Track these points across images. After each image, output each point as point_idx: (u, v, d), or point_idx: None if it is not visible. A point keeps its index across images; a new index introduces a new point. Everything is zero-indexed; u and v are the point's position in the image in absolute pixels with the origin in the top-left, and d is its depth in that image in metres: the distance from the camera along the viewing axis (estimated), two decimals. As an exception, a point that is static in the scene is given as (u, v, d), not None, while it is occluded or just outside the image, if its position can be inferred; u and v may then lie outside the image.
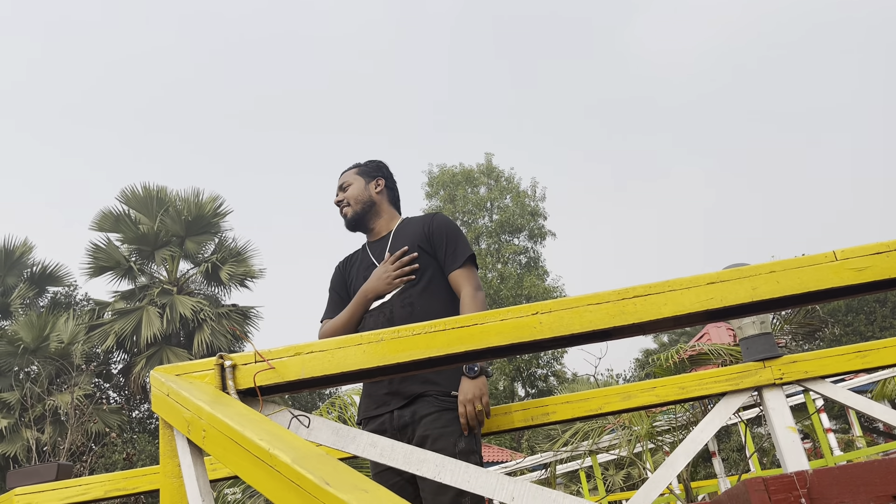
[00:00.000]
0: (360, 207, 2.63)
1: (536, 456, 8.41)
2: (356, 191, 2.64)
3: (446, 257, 2.45)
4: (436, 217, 2.58)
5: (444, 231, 2.49)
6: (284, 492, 1.15)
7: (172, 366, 1.62)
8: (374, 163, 2.75)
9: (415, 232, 2.52)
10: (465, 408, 2.19)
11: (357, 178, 2.68)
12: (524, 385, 23.94)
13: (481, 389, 2.22)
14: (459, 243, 2.48)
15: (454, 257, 2.44)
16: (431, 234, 2.49)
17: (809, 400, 5.90)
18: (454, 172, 26.65)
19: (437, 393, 2.27)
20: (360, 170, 2.71)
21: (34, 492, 2.57)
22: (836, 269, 1.47)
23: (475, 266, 2.47)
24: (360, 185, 2.65)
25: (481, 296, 2.38)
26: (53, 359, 14.68)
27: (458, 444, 2.19)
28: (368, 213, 2.64)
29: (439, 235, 2.48)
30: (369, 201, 2.64)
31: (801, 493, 1.10)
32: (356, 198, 2.64)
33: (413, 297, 2.40)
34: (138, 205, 17.76)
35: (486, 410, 2.21)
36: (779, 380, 2.39)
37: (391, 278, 2.42)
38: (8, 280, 17.44)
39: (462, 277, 2.41)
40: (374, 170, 2.71)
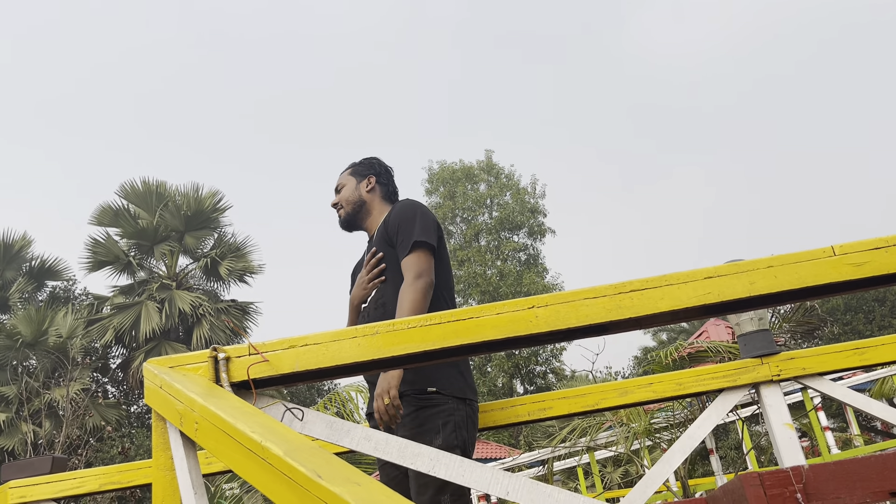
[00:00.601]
0: (350, 209, 2.64)
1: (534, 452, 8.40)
2: (347, 192, 2.66)
3: (399, 248, 2.38)
4: (394, 207, 2.53)
5: (397, 221, 2.43)
6: (276, 484, 1.14)
7: (166, 358, 1.61)
8: (366, 161, 2.75)
9: (384, 230, 2.49)
10: (375, 402, 2.17)
11: (350, 178, 2.69)
12: (523, 382, 23.96)
13: (389, 383, 2.15)
14: (410, 230, 2.36)
15: (403, 246, 2.36)
16: (388, 226, 2.46)
17: (807, 397, 5.89)
18: (454, 169, 26.64)
19: (414, 392, 2.23)
20: (353, 170, 2.71)
21: (28, 484, 2.56)
22: (835, 263, 1.46)
23: (425, 249, 2.33)
24: (352, 186, 2.66)
25: (420, 283, 2.25)
26: (52, 353, 14.67)
27: (434, 440, 2.15)
28: (359, 213, 2.64)
29: (393, 227, 2.43)
30: (359, 201, 2.64)
31: (796, 488, 1.09)
32: (347, 199, 2.65)
33: (386, 296, 2.38)
34: (138, 199, 17.75)
35: (394, 403, 2.13)
36: (776, 376, 2.38)
37: (365, 283, 2.43)
38: (7, 274, 17.43)
39: (405, 266, 2.31)
40: (365, 168, 2.71)
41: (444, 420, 2.20)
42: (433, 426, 2.18)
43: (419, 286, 2.25)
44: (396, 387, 2.15)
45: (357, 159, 2.76)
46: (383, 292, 2.40)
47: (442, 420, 2.19)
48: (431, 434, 2.16)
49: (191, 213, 17.83)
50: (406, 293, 2.24)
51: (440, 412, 2.21)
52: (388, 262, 2.42)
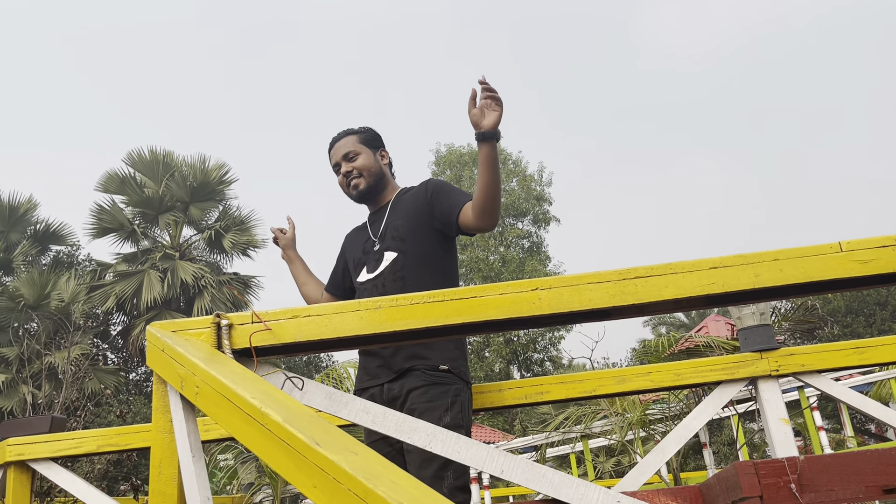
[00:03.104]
0: (373, 180, 2.55)
1: (528, 438, 8.45)
2: (367, 162, 2.54)
3: (452, 203, 2.36)
4: (429, 182, 2.52)
5: (441, 188, 2.45)
6: (275, 450, 1.15)
7: (169, 322, 1.62)
8: (371, 131, 2.65)
9: (414, 200, 2.47)
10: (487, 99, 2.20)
11: (363, 147, 2.57)
12: (520, 369, 24.03)
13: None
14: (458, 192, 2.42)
15: (459, 196, 2.38)
16: (431, 195, 2.43)
17: (803, 396, 5.91)
18: (462, 152, 26.56)
19: (426, 367, 2.25)
20: (361, 138, 2.59)
21: (26, 443, 2.58)
22: (841, 260, 1.46)
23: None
24: (370, 157, 2.56)
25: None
26: (54, 316, 14.74)
27: (443, 418, 2.17)
28: (379, 185, 2.57)
29: (438, 194, 2.42)
30: (380, 173, 2.57)
31: (791, 478, 1.10)
32: (369, 170, 2.54)
33: (406, 269, 2.36)
34: (144, 168, 17.73)
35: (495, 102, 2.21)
36: (775, 371, 2.39)
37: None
38: (11, 236, 17.46)
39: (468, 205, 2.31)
40: (375, 140, 2.63)
41: (453, 399, 2.23)
42: (443, 403, 2.20)
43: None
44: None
45: (354, 127, 2.65)
46: (403, 265, 2.38)
47: (451, 399, 2.22)
48: (441, 411, 2.18)
49: (196, 184, 17.81)
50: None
51: (450, 391, 2.24)
52: (417, 235, 2.40)
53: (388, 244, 2.44)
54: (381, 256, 2.44)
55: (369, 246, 2.50)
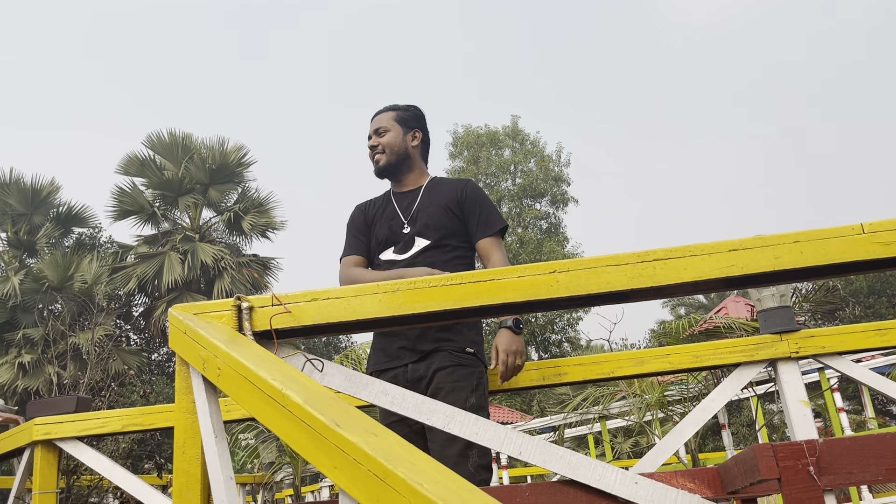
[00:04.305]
0: (394, 158, 2.56)
1: (546, 418, 8.47)
2: (393, 139, 2.56)
3: (478, 224, 2.46)
4: (469, 183, 2.56)
5: (477, 199, 2.50)
6: (295, 431, 1.17)
7: (190, 304, 1.63)
8: (413, 110, 2.64)
9: (447, 194, 2.51)
10: (508, 357, 2.25)
11: (395, 125, 2.58)
12: (538, 350, 24.05)
13: (522, 345, 2.30)
14: (493, 213, 2.50)
15: (487, 225, 2.46)
16: (465, 199, 2.48)
17: (824, 378, 5.87)
18: (479, 133, 26.43)
19: (452, 349, 2.29)
20: (397, 115, 2.60)
21: (54, 422, 2.63)
22: (863, 241, 1.44)
23: (503, 238, 2.50)
24: (398, 135, 2.57)
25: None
26: (77, 297, 14.95)
27: (469, 399, 2.21)
28: (402, 165, 2.57)
29: (473, 202, 2.48)
30: (405, 153, 2.57)
31: (809, 461, 1.10)
32: (392, 147, 2.55)
33: (436, 260, 2.40)
34: (164, 150, 17.85)
35: (522, 365, 2.29)
36: (795, 353, 2.37)
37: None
38: (35, 219, 17.69)
39: (493, 246, 2.44)
40: (412, 119, 2.61)
41: (478, 381, 2.28)
42: (469, 384, 2.25)
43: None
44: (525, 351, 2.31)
45: (401, 104, 2.65)
46: (433, 256, 2.41)
47: (476, 381, 2.28)
48: (467, 392, 2.22)
49: (215, 166, 17.91)
50: None
51: (474, 373, 2.29)
52: (449, 228, 2.45)
53: (421, 230, 2.46)
54: (411, 240, 2.46)
55: (397, 226, 2.49)
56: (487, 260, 2.42)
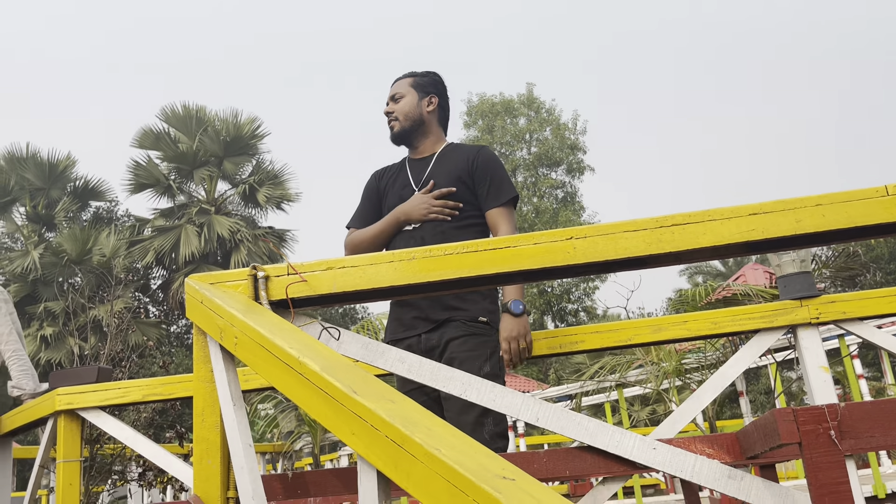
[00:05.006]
0: (408, 124, 2.54)
1: (562, 387, 8.51)
2: (408, 106, 2.54)
3: (488, 193, 2.41)
4: (482, 150, 2.51)
5: (489, 167, 2.45)
6: (313, 399, 1.17)
7: (207, 274, 1.64)
8: (430, 76, 2.63)
9: (459, 162, 2.47)
10: (510, 344, 2.21)
11: (411, 90, 2.57)
12: (554, 319, 24.07)
13: (526, 327, 2.24)
14: (504, 182, 2.44)
15: (497, 194, 2.41)
16: (476, 168, 2.44)
17: (843, 344, 5.82)
18: (494, 102, 26.19)
19: (465, 318, 2.29)
20: (414, 81, 2.59)
21: (75, 392, 2.67)
22: (887, 204, 1.41)
23: (514, 208, 2.44)
24: (413, 100, 2.55)
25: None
26: (96, 270, 15.11)
27: (483, 367, 2.22)
28: (417, 131, 2.55)
29: (484, 170, 2.43)
30: (419, 119, 2.55)
31: (830, 425, 1.09)
32: (406, 113, 2.54)
33: (447, 228, 2.38)
34: (178, 123, 17.87)
35: (529, 348, 2.23)
36: (815, 319, 2.35)
37: (428, 210, 2.38)
38: (52, 193, 17.83)
39: (501, 216, 2.39)
40: (429, 85, 2.59)
41: (492, 350, 2.28)
42: (483, 353, 2.25)
43: None
44: (530, 332, 2.25)
45: (419, 70, 2.64)
46: (443, 224, 2.39)
47: (490, 350, 2.28)
48: (481, 360, 2.23)
49: (230, 138, 17.92)
50: None
51: (489, 342, 2.29)
52: (459, 197, 2.41)
53: None
54: None
55: (408, 193, 2.48)
56: (495, 231, 2.38)
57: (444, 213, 2.37)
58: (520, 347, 2.21)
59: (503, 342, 2.22)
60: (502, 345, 2.22)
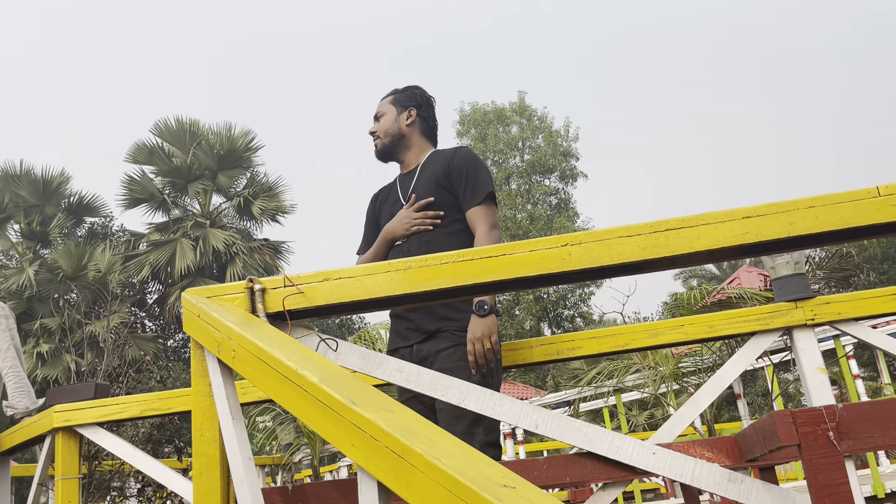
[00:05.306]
0: (388, 140, 2.58)
1: (560, 393, 8.50)
2: (387, 122, 2.59)
3: (465, 194, 2.40)
4: (458, 152, 2.51)
5: (464, 167, 2.43)
6: (312, 410, 1.17)
7: (203, 288, 1.64)
8: (408, 90, 2.65)
9: (438, 168, 2.48)
10: (474, 346, 2.17)
11: (390, 107, 2.61)
12: (550, 325, 24.07)
13: (490, 328, 2.18)
14: (479, 180, 2.41)
15: (472, 194, 2.39)
16: (452, 170, 2.44)
17: (839, 345, 5.84)
18: (486, 111, 26.26)
19: (454, 328, 2.28)
20: (394, 98, 2.63)
21: (73, 409, 2.66)
22: (879, 205, 1.42)
23: (494, 204, 2.42)
24: (392, 116, 2.59)
25: (496, 234, 2.33)
26: (92, 286, 15.07)
27: (472, 377, 2.19)
28: (398, 145, 2.58)
29: (459, 171, 2.42)
30: (398, 134, 2.58)
31: (829, 426, 1.09)
32: (386, 130, 2.58)
33: (431, 235, 2.38)
34: (171, 138, 17.87)
35: (496, 349, 2.18)
36: (810, 320, 2.36)
37: (410, 224, 2.39)
38: (46, 209, 17.79)
39: (478, 215, 2.37)
40: (406, 99, 2.62)
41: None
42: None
43: (496, 237, 2.33)
44: (496, 332, 2.20)
45: (400, 86, 2.67)
46: (429, 234, 2.39)
47: None
48: (469, 371, 2.20)
49: (223, 151, 17.92)
50: (485, 242, 2.29)
51: None
52: (440, 203, 2.41)
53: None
54: None
55: (398, 209, 2.50)
56: (474, 231, 2.36)
57: (424, 224, 2.38)
58: (484, 348, 2.16)
59: (468, 343, 2.18)
60: (467, 346, 2.19)
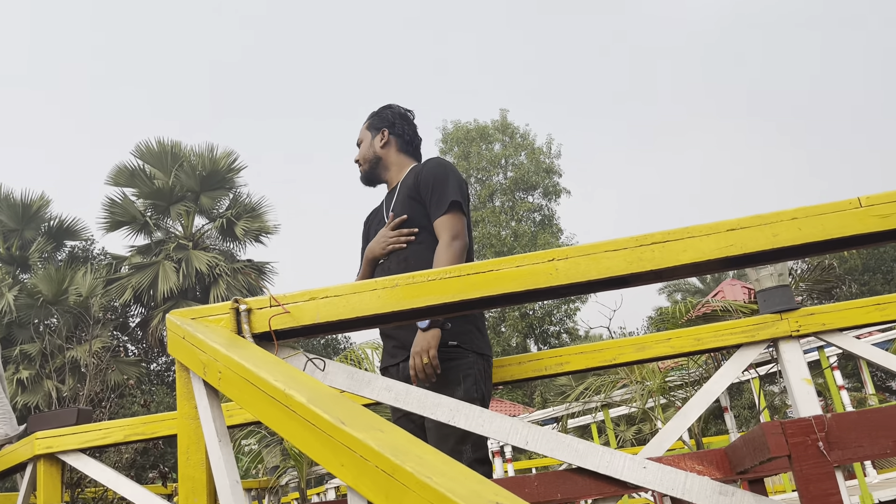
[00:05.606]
0: (367, 166, 2.63)
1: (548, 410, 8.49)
2: (364, 148, 2.65)
3: (431, 206, 2.38)
4: (425, 164, 2.51)
5: (430, 178, 2.42)
6: (300, 431, 1.16)
7: (188, 309, 1.62)
8: (380, 112, 2.68)
9: (410, 183, 2.48)
10: (413, 360, 2.16)
11: (367, 133, 2.66)
12: (537, 342, 24.07)
13: (429, 342, 2.15)
14: (444, 190, 2.38)
15: (438, 205, 2.36)
16: (420, 183, 2.43)
17: (823, 356, 5.88)
18: (468, 129, 26.40)
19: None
20: (369, 123, 2.67)
21: (55, 435, 2.62)
22: (861, 215, 1.44)
23: (460, 211, 2.36)
24: (368, 142, 2.64)
25: (457, 245, 2.28)
26: (73, 310, 14.89)
27: (455, 393, 2.17)
28: (377, 168, 2.62)
29: (426, 184, 2.41)
30: (375, 157, 2.62)
31: (818, 436, 1.10)
32: (364, 156, 2.64)
33: (409, 251, 2.38)
34: (153, 160, 17.79)
35: (433, 363, 2.14)
36: (795, 332, 2.37)
37: (386, 243, 2.40)
38: (26, 234, 17.61)
39: (441, 226, 2.33)
40: (378, 121, 2.66)
41: (465, 373, 2.22)
42: (454, 378, 2.20)
43: (456, 247, 2.28)
44: (436, 347, 2.16)
45: (377, 108, 2.69)
46: (407, 250, 2.39)
47: (463, 373, 2.22)
48: (453, 386, 2.18)
49: (206, 173, 17.85)
50: (444, 254, 2.26)
51: (460, 365, 2.23)
52: (414, 217, 2.40)
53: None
54: None
55: (382, 227, 2.51)
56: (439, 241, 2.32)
57: (399, 242, 2.38)
58: (423, 363, 2.14)
59: (410, 359, 2.17)
60: (409, 361, 2.18)
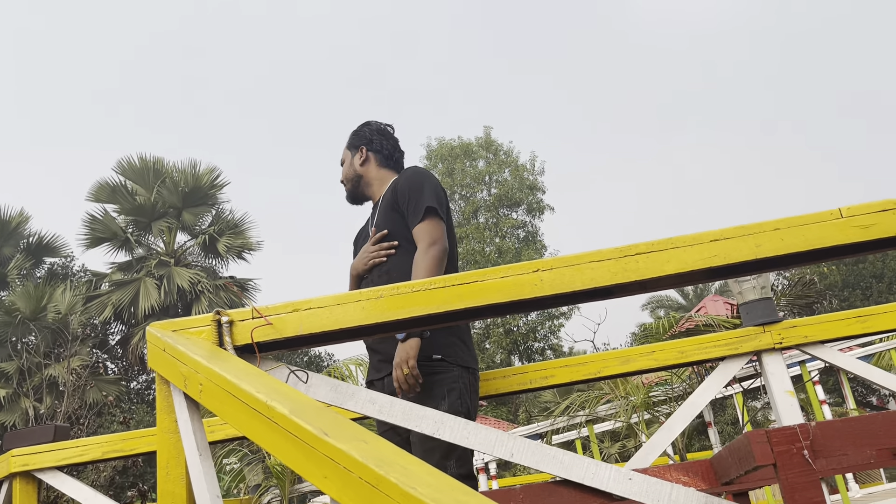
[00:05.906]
0: (350, 185, 2.65)
1: (532, 425, 8.46)
2: (345, 168, 2.67)
3: (408, 215, 2.38)
4: (402, 175, 2.52)
5: (406, 188, 2.42)
6: (283, 443, 1.14)
7: (169, 321, 1.60)
8: (358, 130, 2.70)
9: (388, 196, 2.49)
10: (395, 372, 2.15)
11: (347, 152, 2.68)
12: (521, 358, 24.06)
13: (408, 353, 2.14)
14: (419, 198, 2.36)
15: (414, 213, 2.35)
16: (398, 195, 2.44)
17: (805, 371, 5.93)
18: (452, 146, 26.51)
19: (420, 359, 2.21)
20: (349, 143, 2.69)
21: (31, 452, 2.57)
22: (842, 226, 1.45)
23: (437, 217, 2.34)
24: (349, 161, 2.66)
25: (434, 251, 2.26)
26: (51, 327, 14.69)
27: (439, 407, 2.15)
28: (359, 187, 2.63)
29: (403, 194, 2.42)
30: (356, 176, 2.63)
31: (803, 444, 1.10)
32: (346, 176, 2.66)
33: (391, 264, 2.37)
34: (135, 176, 17.66)
35: (414, 373, 2.13)
36: (778, 344, 2.38)
37: (367, 258, 2.40)
38: (4, 250, 17.37)
39: (418, 234, 2.32)
40: (356, 139, 2.67)
41: (450, 387, 2.21)
42: (439, 392, 2.19)
43: (434, 253, 2.26)
44: (415, 357, 2.14)
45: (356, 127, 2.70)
46: (388, 260, 2.38)
47: (447, 387, 2.21)
48: (437, 400, 2.17)
49: (188, 189, 17.74)
50: (421, 260, 2.24)
51: (445, 379, 2.22)
52: (395, 229, 2.39)
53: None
54: None
55: (366, 242, 2.50)
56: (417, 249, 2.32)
57: (379, 255, 2.38)
58: (404, 374, 2.13)
59: (393, 372, 2.17)
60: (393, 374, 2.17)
